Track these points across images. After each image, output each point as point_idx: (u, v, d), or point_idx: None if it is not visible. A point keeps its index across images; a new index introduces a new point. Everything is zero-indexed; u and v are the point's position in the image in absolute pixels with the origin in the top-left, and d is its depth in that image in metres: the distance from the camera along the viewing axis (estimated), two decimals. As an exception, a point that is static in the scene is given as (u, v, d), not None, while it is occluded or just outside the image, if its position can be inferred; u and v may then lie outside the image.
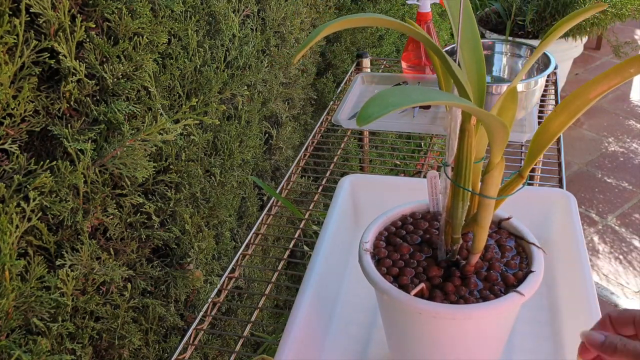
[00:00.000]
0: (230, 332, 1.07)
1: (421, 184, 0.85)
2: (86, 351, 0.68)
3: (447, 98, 0.44)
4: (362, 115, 0.37)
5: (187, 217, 0.86)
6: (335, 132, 1.31)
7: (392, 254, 0.59)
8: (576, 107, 0.49)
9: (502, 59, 1.18)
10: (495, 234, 0.60)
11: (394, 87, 0.47)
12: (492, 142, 0.49)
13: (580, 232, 0.73)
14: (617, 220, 2.17)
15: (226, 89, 0.94)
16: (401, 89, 0.41)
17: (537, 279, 0.54)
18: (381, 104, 0.38)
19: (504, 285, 0.55)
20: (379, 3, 1.65)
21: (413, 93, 0.41)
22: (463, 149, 0.52)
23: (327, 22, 0.49)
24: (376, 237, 0.62)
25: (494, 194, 0.52)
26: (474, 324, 0.54)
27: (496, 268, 0.56)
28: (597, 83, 0.47)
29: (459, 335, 0.55)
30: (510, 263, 0.56)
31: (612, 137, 2.67)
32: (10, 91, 0.56)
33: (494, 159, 0.50)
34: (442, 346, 0.56)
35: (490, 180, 0.52)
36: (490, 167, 0.51)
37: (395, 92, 0.40)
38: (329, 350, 0.68)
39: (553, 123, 0.50)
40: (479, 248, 0.56)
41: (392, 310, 0.58)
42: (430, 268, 0.57)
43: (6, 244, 0.55)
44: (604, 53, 3.41)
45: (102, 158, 0.68)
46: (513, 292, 0.53)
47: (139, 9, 0.69)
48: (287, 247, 0.94)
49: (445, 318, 0.53)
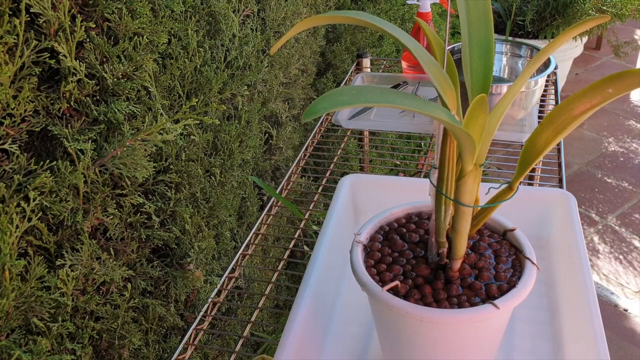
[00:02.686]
0: (230, 332, 1.07)
1: (421, 183, 0.85)
2: (86, 351, 0.68)
3: (404, 101, 0.42)
4: (310, 110, 0.37)
5: (187, 217, 0.86)
6: (335, 132, 1.31)
7: (383, 249, 0.59)
8: (562, 123, 0.48)
9: (502, 59, 1.18)
10: (496, 244, 0.60)
11: (361, 86, 0.47)
12: (462, 150, 0.48)
13: (580, 232, 0.73)
14: (617, 220, 2.17)
15: (226, 89, 0.94)
16: (359, 88, 0.40)
17: (519, 294, 0.53)
18: (332, 101, 0.38)
19: (485, 295, 0.54)
20: (379, 3, 1.65)
21: (368, 93, 0.40)
22: (445, 152, 0.51)
23: (310, 17, 0.49)
24: (376, 231, 0.62)
25: (468, 201, 0.52)
26: (441, 329, 0.54)
27: (484, 277, 0.55)
28: (578, 99, 0.46)
29: (429, 337, 0.55)
30: (501, 275, 0.56)
31: (612, 137, 2.67)
32: (11, 91, 0.56)
33: (466, 166, 0.50)
34: (414, 345, 0.56)
35: (463, 188, 0.51)
36: (463, 173, 0.50)
37: (348, 91, 0.39)
38: (328, 350, 0.68)
39: (540, 137, 0.49)
40: (459, 254, 0.55)
41: (372, 304, 0.58)
42: (418, 268, 0.57)
43: (6, 244, 0.55)
44: (604, 53, 3.41)
45: (102, 158, 0.68)
46: (488, 304, 0.52)
47: (139, 9, 0.69)
48: (287, 247, 0.94)
49: (414, 319, 0.53)
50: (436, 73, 0.48)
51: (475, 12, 0.51)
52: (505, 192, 0.54)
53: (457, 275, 0.56)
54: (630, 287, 1.90)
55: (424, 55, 0.48)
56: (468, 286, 0.55)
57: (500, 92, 1.02)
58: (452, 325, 0.53)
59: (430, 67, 0.47)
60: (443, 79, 0.48)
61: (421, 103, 0.42)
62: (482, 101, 0.44)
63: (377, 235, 0.62)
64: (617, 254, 2.03)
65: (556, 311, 0.69)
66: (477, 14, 0.51)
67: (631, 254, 2.03)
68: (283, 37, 0.46)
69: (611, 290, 1.89)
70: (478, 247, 0.58)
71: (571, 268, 0.69)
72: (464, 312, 0.52)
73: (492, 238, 0.60)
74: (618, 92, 0.44)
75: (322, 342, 0.69)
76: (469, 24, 0.51)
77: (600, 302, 1.83)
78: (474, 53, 0.51)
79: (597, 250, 2.05)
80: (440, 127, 0.51)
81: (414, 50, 0.47)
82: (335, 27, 1.51)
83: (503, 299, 0.53)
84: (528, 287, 0.54)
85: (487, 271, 0.56)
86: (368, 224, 0.63)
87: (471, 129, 0.46)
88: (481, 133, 0.47)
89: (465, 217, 0.53)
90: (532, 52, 1.14)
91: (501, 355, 0.64)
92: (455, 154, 0.51)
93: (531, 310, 0.70)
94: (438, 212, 0.54)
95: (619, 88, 0.44)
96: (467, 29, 0.51)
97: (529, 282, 0.55)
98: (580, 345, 0.61)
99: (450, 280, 0.56)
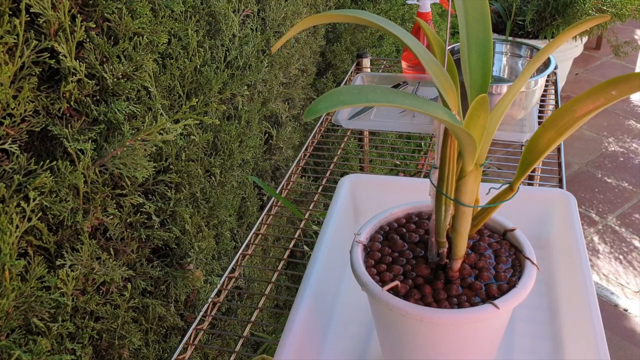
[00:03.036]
0: (230, 332, 1.07)
1: (421, 183, 0.85)
2: (86, 351, 0.68)
3: (406, 101, 0.42)
4: (310, 110, 0.37)
5: (187, 217, 0.86)
6: (335, 132, 1.31)
7: (383, 249, 0.59)
8: (564, 124, 0.48)
9: (502, 59, 1.18)
10: (496, 244, 0.60)
11: (362, 85, 0.46)
12: (462, 150, 0.48)
13: (580, 232, 0.73)
14: (617, 220, 2.17)
15: (226, 89, 0.94)
16: (360, 88, 0.40)
17: (519, 294, 0.53)
18: (332, 100, 0.38)
19: (485, 295, 0.54)
20: (379, 3, 1.65)
21: (370, 93, 0.40)
22: (446, 152, 0.51)
23: (310, 16, 0.50)
24: (376, 231, 0.62)
25: (469, 201, 0.52)
26: (441, 329, 0.54)
27: (484, 277, 0.56)
28: (581, 101, 0.46)
29: (429, 337, 0.55)
30: (501, 275, 0.56)
31: (612, 137, 2.67)
32: (11, 91, 0.56)
33: (466, 166, 0.50)
34: (414, 345, 0.56)
35: (464, 188, 0.51)
36: (463, 174, 0.51)
37: (349, 90, 0.39)
38: (328, 350, 0.68)
39: (542, 138, 0.50)
40: (459, 254, 0.55)
41: (372, 304, 0.58)
42: (418, 268, 0.57)
43: (6, 244, 0.55)
44: (604, 53, 3.41)
45: (102, 158, 0.68)
46: (488, 304, 0.52)
47: (139, 9, 0.69)
48: (287, 247, 0.94)
49: (414, 319, 0.53)
50: (437, 72, 0.48)
51: (473, 13, 0.51)
52: (506, 193, 0.54)
53: (457, 275, 0.56)
54: (630, 287, 1.90)
55: (425, 54, 0.48)
56: (468, 286, 0.55)
57: (500, 92, 1.02)
58: (453, 325, 0.53)
59: (431, 66, 0.47)
60: (444, 78, 0.48)
61: (422, 103, 0.42)
62: (483, 101, 0.44)
63: (377, 235, 0.62)
64: (617, 254, 2.03)
65: (556, 311, 0.69)
66: (475, 14, 0.51)
67: (631, 254, 2.03)
68: (284, 37, 0.46)
69: (611, 290, 1.89)
70: (478, 247, 0.58)
71: (571, 268, 0.69)
72: (464, 312, 0.52)
73: (492, 238, 0.60)
74: (622, 94, 0.44)
75: (322, 342, 0.69)
76: (467, 24, 0.51)
77: (600, 302, 1.83)
78: (473, 53, 0.51)
79: (597, 250, 2.05)
80: (441, 127, 0.51)
81: (414, 49, 0.47)
82: (335, 27, 1.51)
83: (503, 299, 0.53)
84: (528, 287, 0.54)
85: (487, 271, 0.56)
86: (368, 224, 0.63)
87: (472, 129, 0.46)
88: (482, 133, 0.47)
89: (466, 217, 0.53)
90: (532, 52, 1.14)
91: (501, 355, 0.64)
92: (455, 154, 0.51)
93: (531, 310, 0.70)
94: (438, 212, 0.54)
95: (623, 90, 0.44)
96: (465, 29, 0.51)
97: (529, 282, 0.55)
98: (580, 345, 0.61)
99: (450, 280, 0.56)
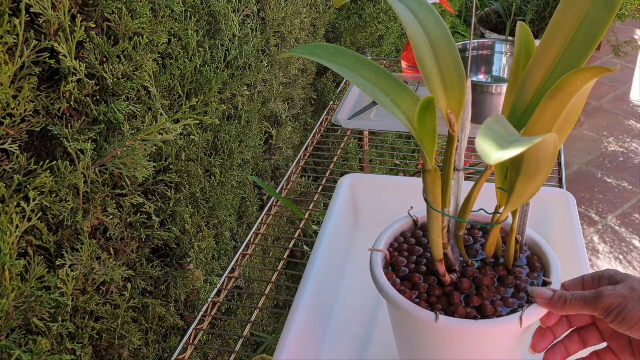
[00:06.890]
0: (230, 332, 1.07)
1: (421, 184, 0.85)
2: (86, 351, 0.68)
3: (370, 87, 0.47)
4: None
5: (187, 217, 0.86)
6: (335, 132, 1.31)
7: (400, 259, 0.59)
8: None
9: (502, 59, 1.18)
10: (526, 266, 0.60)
11: (343, 49, 0.49)
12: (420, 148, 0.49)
13: (580, 232, 0.73)
14: (617, 220, 2.17)
15: (226, 89, 0.94)
16: (337, 49, 0.47)
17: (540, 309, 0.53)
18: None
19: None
20: (379, 3, 1.65)
21: (343, 59, 0.47)
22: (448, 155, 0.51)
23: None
24: (395, 239, 0.62)
25: (436, 204, 0.53)
26: (477, 339, 0.54)
27: (522, 288, 0.56)
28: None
29: (469, 347, 0.55)
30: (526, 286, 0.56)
31: (612, 137, 2.67)
32: (11, 91, 0.56)
33: (426, 165, 0.50)
34: (451, 354, 0.56)
35: (425, 187, 0.53)
36: (424, 174, 0.51)
37: (327, 48, 0.47)
38: (328, 350, 0.68)
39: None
40: (437, 257, 0.55)
41: (395, 312, 0.58)
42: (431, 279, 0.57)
43: (6, 244, 0.55)
44: (604, 53, 3.41)
45: (102, 158, 0.68)
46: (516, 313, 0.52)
47: (139, 9, 0.69)
48: (287, 247, 0.94)
49: (451, 332, 0.52)
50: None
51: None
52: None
53: (490, 283, 0.56)
54: (630, 287, 1.90)
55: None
56: (493, 298, 0.55)
57: (500, 92, 1.02)
58: (482, 335, 0.53)
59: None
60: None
61: (386, 91, 0.45)
62: (427, 102, 0.44)
63: (395, 243, 0.62)
64: (617, 254, 2.03)
65: (556, 311, 0.69)
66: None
67: (631, 254, 2.03)
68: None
69: (611, 290, 1.89)
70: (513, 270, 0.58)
71: (571, 268, 0.69)
72: (495, 322, 0.52)
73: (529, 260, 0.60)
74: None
75: (322, 341, 0.69)
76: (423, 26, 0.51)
77: (600, 302, 1.82)
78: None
79: (597, 250, 2.05)
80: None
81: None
82: (335, 27, 1.51)
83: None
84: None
85: (525, 283, 0.56)
86: (386, 231, 0.62)
87: (423, 131, 0.46)
88: (433, 135, 0.47)
89: (432, 219, 0.53)
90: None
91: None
92: (454, 158, 0.51)
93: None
94: (429, 215, 0.55)
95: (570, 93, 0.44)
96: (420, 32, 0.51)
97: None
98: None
99: (478, 288, 0.56)
